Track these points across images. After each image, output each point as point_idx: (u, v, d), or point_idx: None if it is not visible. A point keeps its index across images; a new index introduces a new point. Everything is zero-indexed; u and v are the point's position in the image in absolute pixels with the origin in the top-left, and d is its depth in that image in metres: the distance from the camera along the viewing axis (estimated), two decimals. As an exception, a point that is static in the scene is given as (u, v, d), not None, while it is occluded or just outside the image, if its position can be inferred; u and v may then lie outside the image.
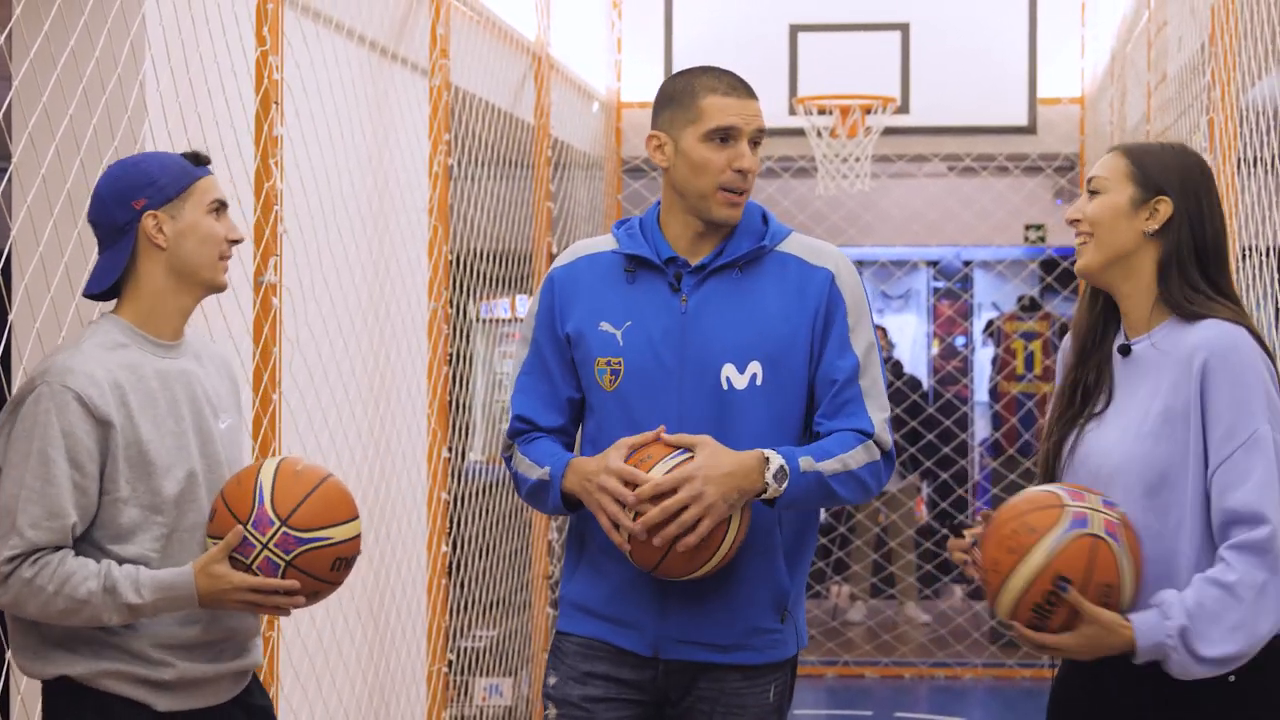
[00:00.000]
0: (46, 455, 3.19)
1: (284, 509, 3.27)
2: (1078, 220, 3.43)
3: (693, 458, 3.50)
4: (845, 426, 3.63)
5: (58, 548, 3.22)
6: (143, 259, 3.38)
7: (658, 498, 3.47)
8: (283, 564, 3.27)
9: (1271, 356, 3.33)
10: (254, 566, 3.27)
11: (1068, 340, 3.58)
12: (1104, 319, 3.50)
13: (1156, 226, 3.37)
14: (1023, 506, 3.27)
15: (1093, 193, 3.43)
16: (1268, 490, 3.20)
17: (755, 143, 3.67)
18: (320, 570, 3.31)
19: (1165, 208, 3.37)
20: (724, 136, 3.64)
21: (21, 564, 3.19)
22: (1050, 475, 3.48)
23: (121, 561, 3.28)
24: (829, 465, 3.57)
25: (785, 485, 3.52)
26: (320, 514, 3.30)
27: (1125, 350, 3.41)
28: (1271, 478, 3.21)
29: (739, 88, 3.68)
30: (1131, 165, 3.40)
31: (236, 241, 3.45)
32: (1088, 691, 3.43)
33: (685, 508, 3.45)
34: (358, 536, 3.38)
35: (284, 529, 3.26)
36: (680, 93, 3.69)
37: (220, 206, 3.42)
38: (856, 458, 3.60)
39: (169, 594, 3.24)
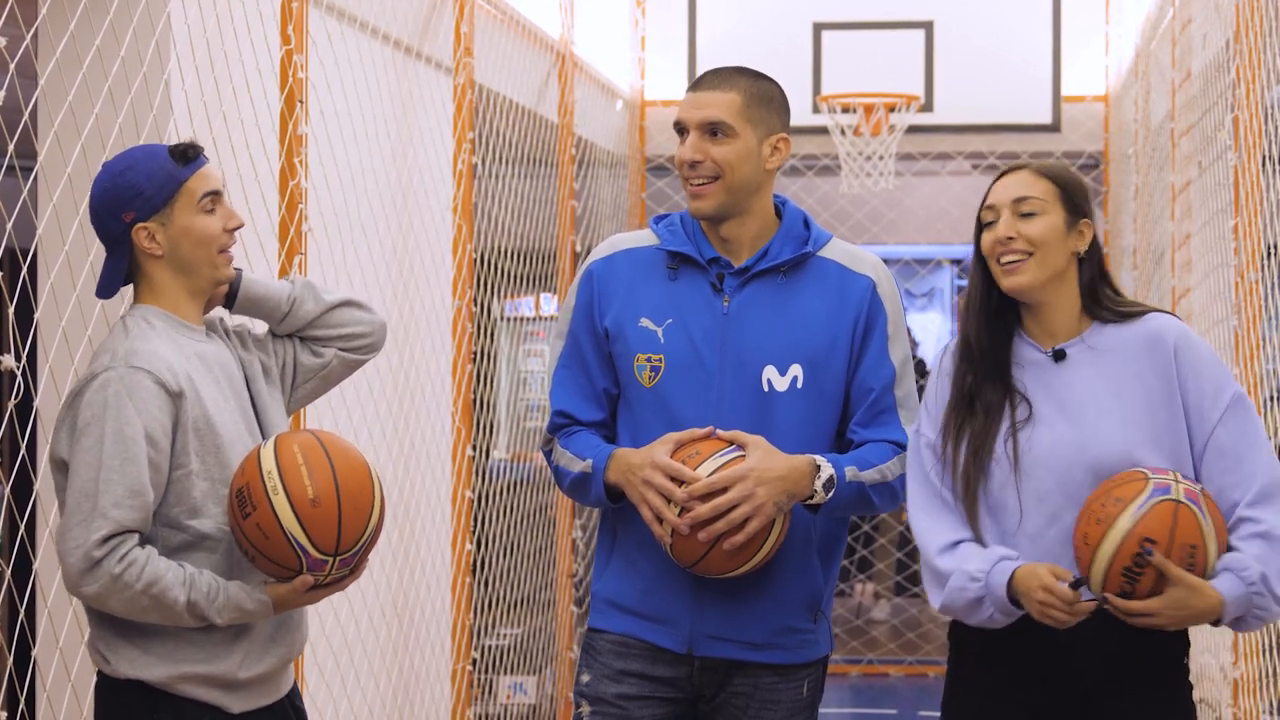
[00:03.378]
0: (123, 434, 3.19)
1: (328, 545, 3.26)
2: (1012, 238, 3.52)
3: (743, 456, 3.50)
4: (880, 437, 3.67)
5: (142, 539, 3.22)
6: (146, 264, 3.37)
7: (707, 495, 3.48)
8: (349, 571, 3.36)
9: None
10: (326, 584, 3.36)
11: (948, 358, 3.64)
12: (998, 334, 3.59)
13: (1085, 248, 3.55)
14: (1108, 485, 3.40)
15: (1026, 214, 3.53)
16: (1268, 445, 3.44)
17: (711, 133, 3.66)
18: (376, 540, 3.37)
19: (1089, 230, 3.55)
20: (680, 131, 3.70)
21: (110, 553, 3.16)
22: (975, 490, 3.51)
23: (202, 539, 3.30)
24: (870, 475, 3.60)
25: (831, 493, 3.54)
26: (357, 522, 3.28)
27: (1061, 355, 3.52)
28: (1264, 433, 3.45)
29: (700, 81, 3.71)
30: (1057, 188, 3.55)
31: (235, 228, 3.41)
32: (1036, 679, 3.53)
33: (735, 506, 3.46)
34: (379, 486, 3.37)
35: (339, 558, 3.29)
36: None
37: (213, 198, 3.37)
38: (893, 469, 3.64)
39: (246, 616, 3.30)
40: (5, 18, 3.58)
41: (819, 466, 3.55)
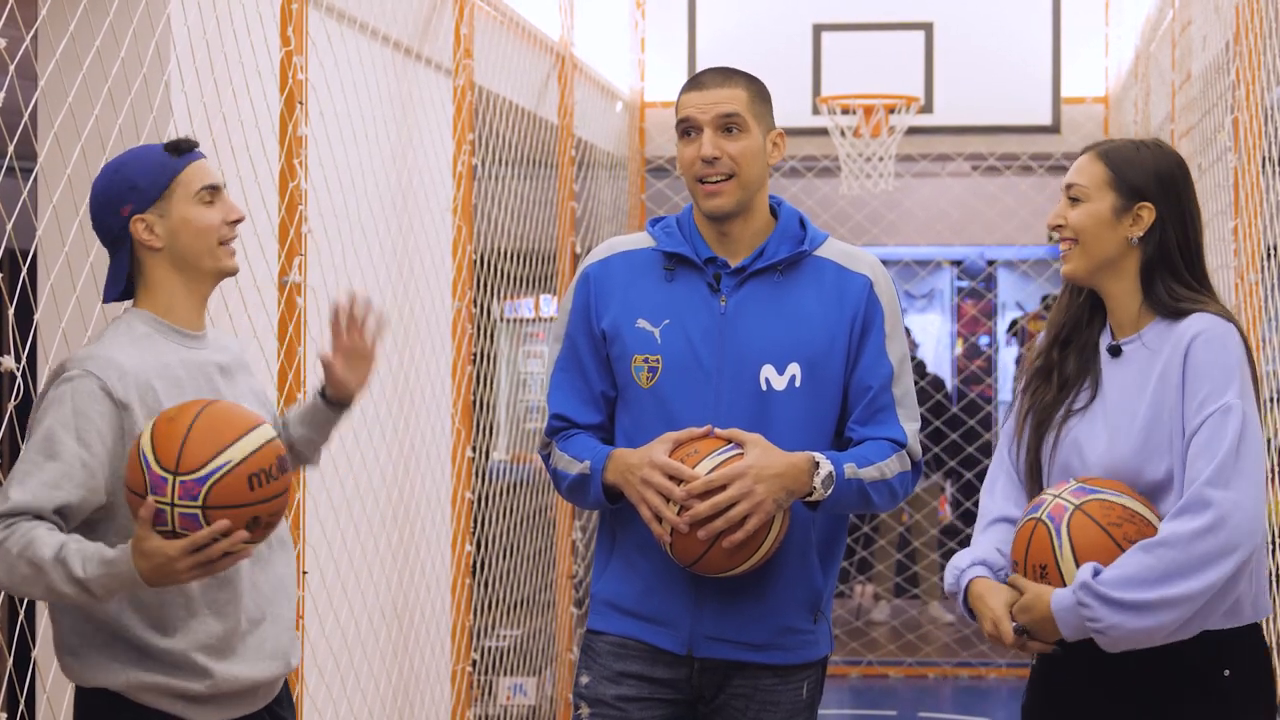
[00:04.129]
0: (53, 433, 3.17)
1: (169, 461, 3.05)
2: (1061, 226, 3.48)
3: (742, 454, 3.51)
4: (878, 435, 3.66)
5: (37, 517, 3.14)
6: (146, 260, 3.37)
7: (706, 493, 3.48)
8: (199, 511, 3.07)
9: (1252, 359, 3.41)
10: (177, 530, 3.07)
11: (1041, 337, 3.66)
12: (1089, 312, 3.55)
13: (1141, 233, 3.42)
14: None
15: (1073, 199, 3.47)
16: (1218, 456, 3.24)
17: (726, 129, 3.66)
18: (239, 496, 3.09)
19: (1148, 214, 3.42)
20: (686, 130, 3.69)
21: None
22: (1038, 465, 3.53)
23: None
24: (869, 473, 3.60)
25: (830, 490, 3.54)
26: (205, 445, 3.07)
27: (1116, 351, 3.46)
28: (1229, 445, 3.24)
29: (702, 80, 3.71)
30: (1110, 172, 3.44)
31: (236, 221, 3.41)
32: (1068, 696, 3.49)
33: (734, 503, 3.47)
34: (265, 444, 3.14)
35: (178, 479, 3.05)
36: None
37: (210, 191, 3.38)
38: (891, 467, 3.64)
39: (111, 570, 3.08)
40: (5, 19, 3.58)
41: (818, 463, 3.55)
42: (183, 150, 3.37)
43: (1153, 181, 3.43)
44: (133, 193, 3.33)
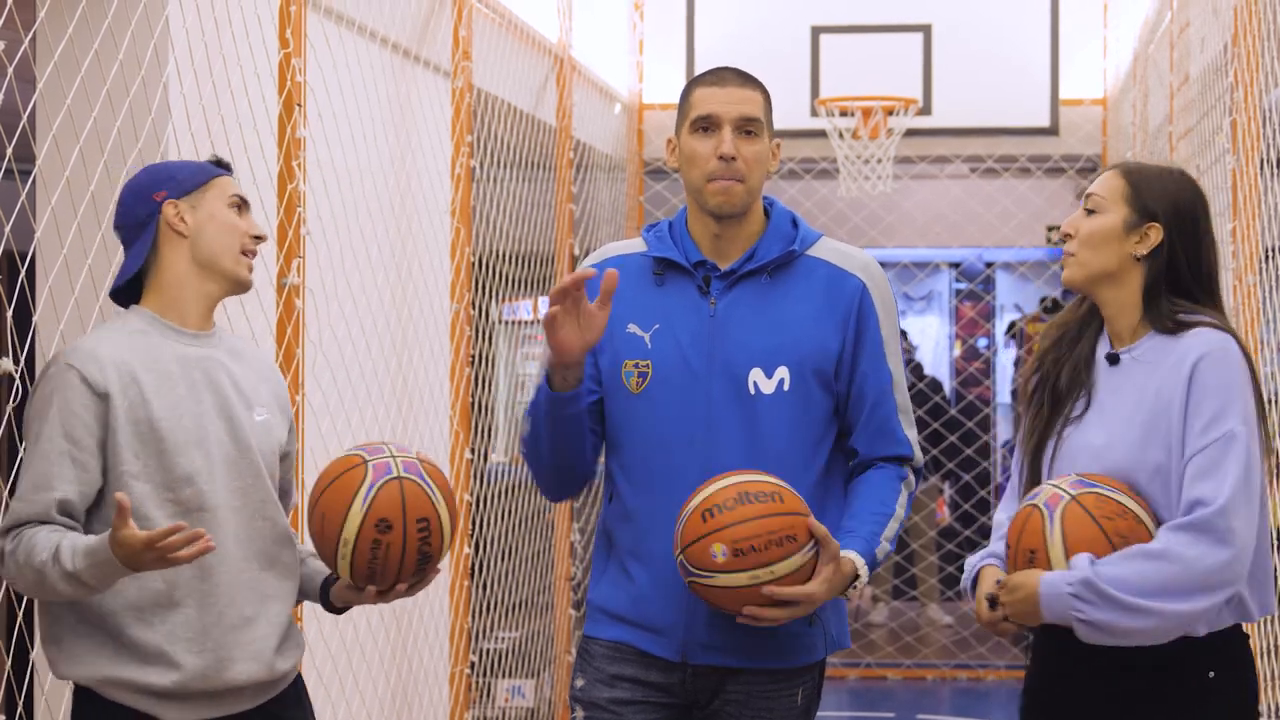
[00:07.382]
0: (42, 432, 3.24)
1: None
2: (1069, 235, 3.52)
3: (816, 555, 3.45)
4: (885, 453, 3.65)
5: (42, 522, 3.23)
6: (165, 249, 3.41)
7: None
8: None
9: (1253, 367, 3.45)
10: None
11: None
12: (1087, 321, 3.59)
13: (1145, 251, 3.47)
14: None
15: (1089, 210, 3.52)
16: (1228, 483, 3.27)
17: (746, 131, 3.65)
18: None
19: (1155, 234, 3.47)
20: (705, 125, 3.65)
21: (6, 538, 3.23)
22: (1036, 478, 3.56)
23: None
24: (890, 529, 3.60)
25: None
26: (335, 525, 3.37)
27: (1114, 359, 3.50)
28: (1238, 475, 3.29)
29: (725, 77, 3.69)
30: (1129, 187, 3.49)
31: (259, 238, 3.48)
32: (1059, 693, 3.52)
33: (784, 604, 3.45)
34: (324, 563, 3.45)
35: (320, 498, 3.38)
36: (682, 95, 3.74)
37: (241, 203, 3.47)
38: (901, 503, 3.65)
39: (95, 559, 3.13)
40: (3, 20, 3.58)
41: (859, 575, 3.52)
42: (224, 165, 3.51)
43: (1169, 207, 3.47)
44: (170, 181, 3.42)
